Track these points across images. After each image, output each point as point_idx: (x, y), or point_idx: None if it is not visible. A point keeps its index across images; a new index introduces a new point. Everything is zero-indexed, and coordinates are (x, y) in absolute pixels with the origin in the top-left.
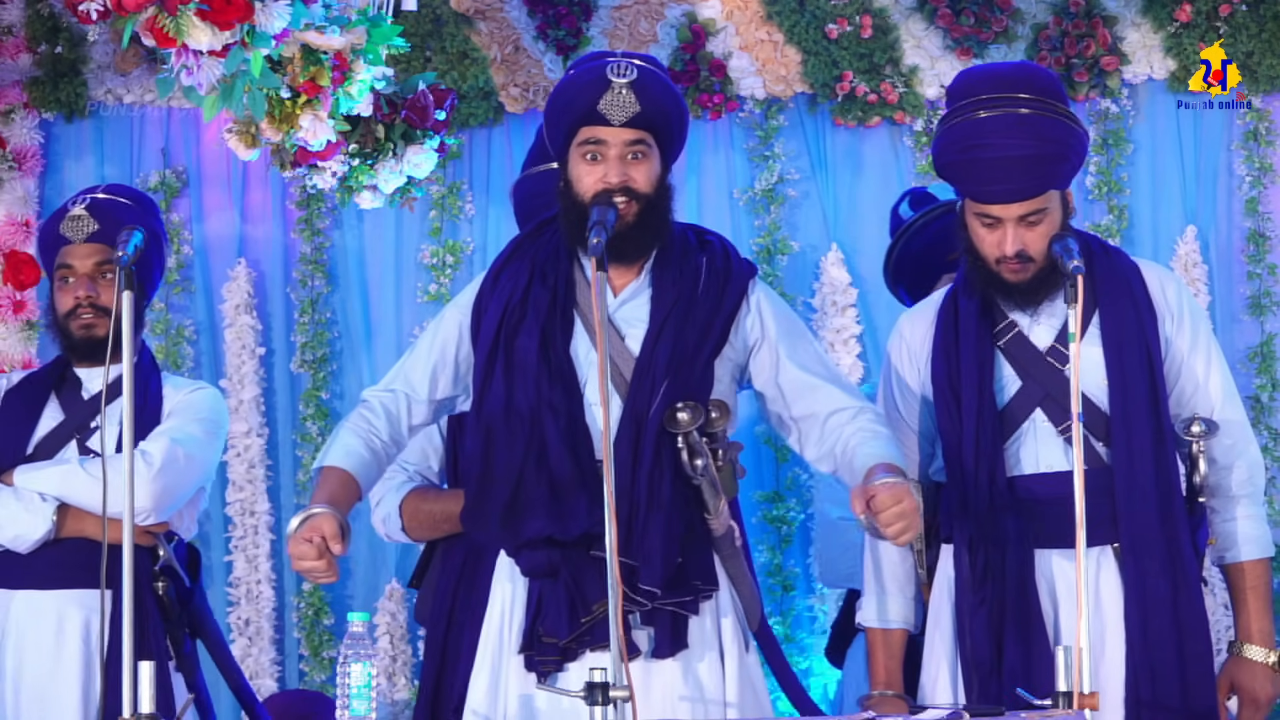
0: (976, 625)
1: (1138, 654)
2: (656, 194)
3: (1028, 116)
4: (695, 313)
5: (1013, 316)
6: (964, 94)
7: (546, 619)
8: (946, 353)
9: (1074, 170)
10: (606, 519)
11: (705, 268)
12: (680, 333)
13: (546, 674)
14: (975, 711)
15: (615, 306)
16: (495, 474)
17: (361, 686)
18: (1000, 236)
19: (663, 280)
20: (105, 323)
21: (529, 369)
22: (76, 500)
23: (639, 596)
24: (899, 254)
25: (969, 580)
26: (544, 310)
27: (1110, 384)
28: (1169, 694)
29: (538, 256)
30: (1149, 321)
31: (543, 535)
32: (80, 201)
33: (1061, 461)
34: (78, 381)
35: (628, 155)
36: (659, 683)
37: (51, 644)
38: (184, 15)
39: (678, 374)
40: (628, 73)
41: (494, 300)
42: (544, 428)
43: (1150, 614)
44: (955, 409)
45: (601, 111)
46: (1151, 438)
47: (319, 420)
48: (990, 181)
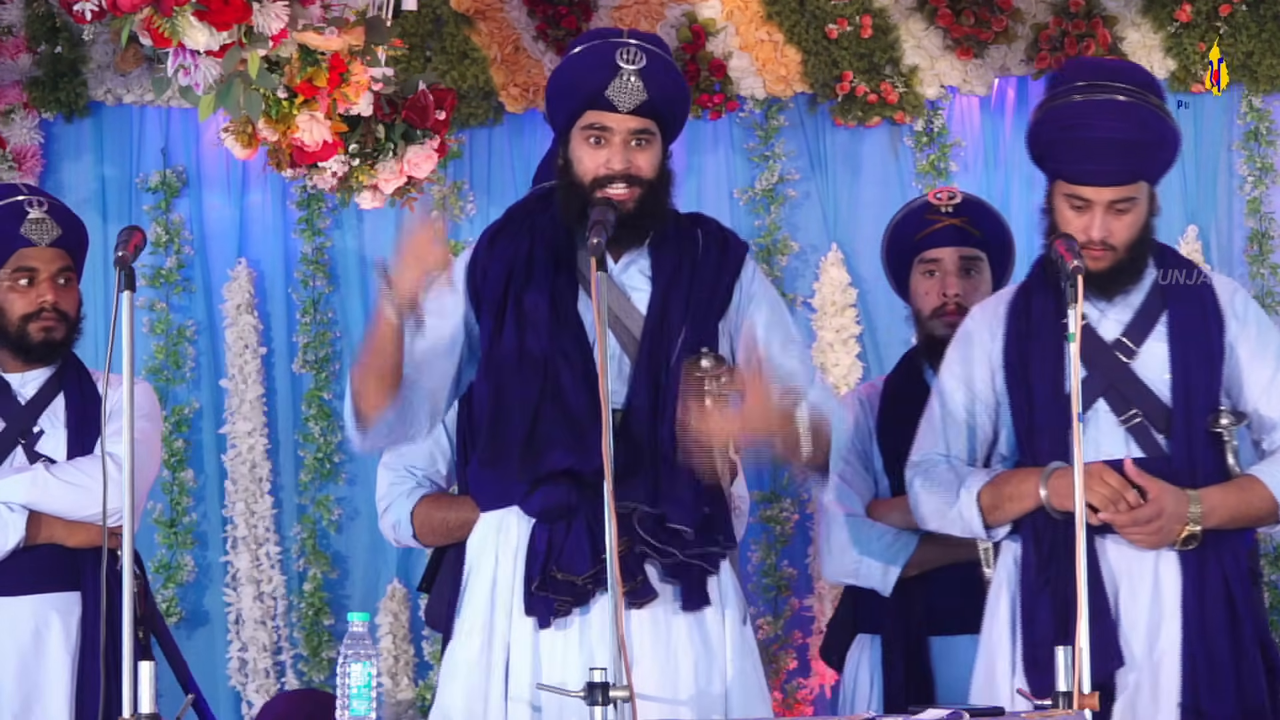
0: (1041, 607)
1: (1195, 643)
2: (658, 179)
3: (1127, 103)
4: (701, 272)
5: (1082, 309)
6: (1066, 80)
7: (563, 556)
8: (1020, 342)
9: (1166, 166)
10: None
11: (702, 238)
12: (691, 287)
13: (557, 614)
14: (975, 711)
15: (618, 271)
16: (510, 411)
17: (362, 686)
18: (1088, 221)
19: (662, 247)
20: (63, 328)
21: (541, 322)
22: (49, 507)
23: (668, 546)
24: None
25: (1034, 563)
26: (550, 273)
27: (1173, 379)
28: (1224, 687)
29: (536, 226)
30: (1214, 325)
31: (563, 467)
32: (37, 204)
33: (1121, 450)
34: (6, 385)
35: (632, 142)
36: (668, 638)
37: (31, 649)
38: (180, 16)
39: (694, 323)
40: (637, 59)
41: (495, 261)
42: (558, 371)
43: (1208, 605)
44: (1028, 397)
45: (609, 97)
46: (1208, 432)
47: (321, 420)
48: (1086, 161)
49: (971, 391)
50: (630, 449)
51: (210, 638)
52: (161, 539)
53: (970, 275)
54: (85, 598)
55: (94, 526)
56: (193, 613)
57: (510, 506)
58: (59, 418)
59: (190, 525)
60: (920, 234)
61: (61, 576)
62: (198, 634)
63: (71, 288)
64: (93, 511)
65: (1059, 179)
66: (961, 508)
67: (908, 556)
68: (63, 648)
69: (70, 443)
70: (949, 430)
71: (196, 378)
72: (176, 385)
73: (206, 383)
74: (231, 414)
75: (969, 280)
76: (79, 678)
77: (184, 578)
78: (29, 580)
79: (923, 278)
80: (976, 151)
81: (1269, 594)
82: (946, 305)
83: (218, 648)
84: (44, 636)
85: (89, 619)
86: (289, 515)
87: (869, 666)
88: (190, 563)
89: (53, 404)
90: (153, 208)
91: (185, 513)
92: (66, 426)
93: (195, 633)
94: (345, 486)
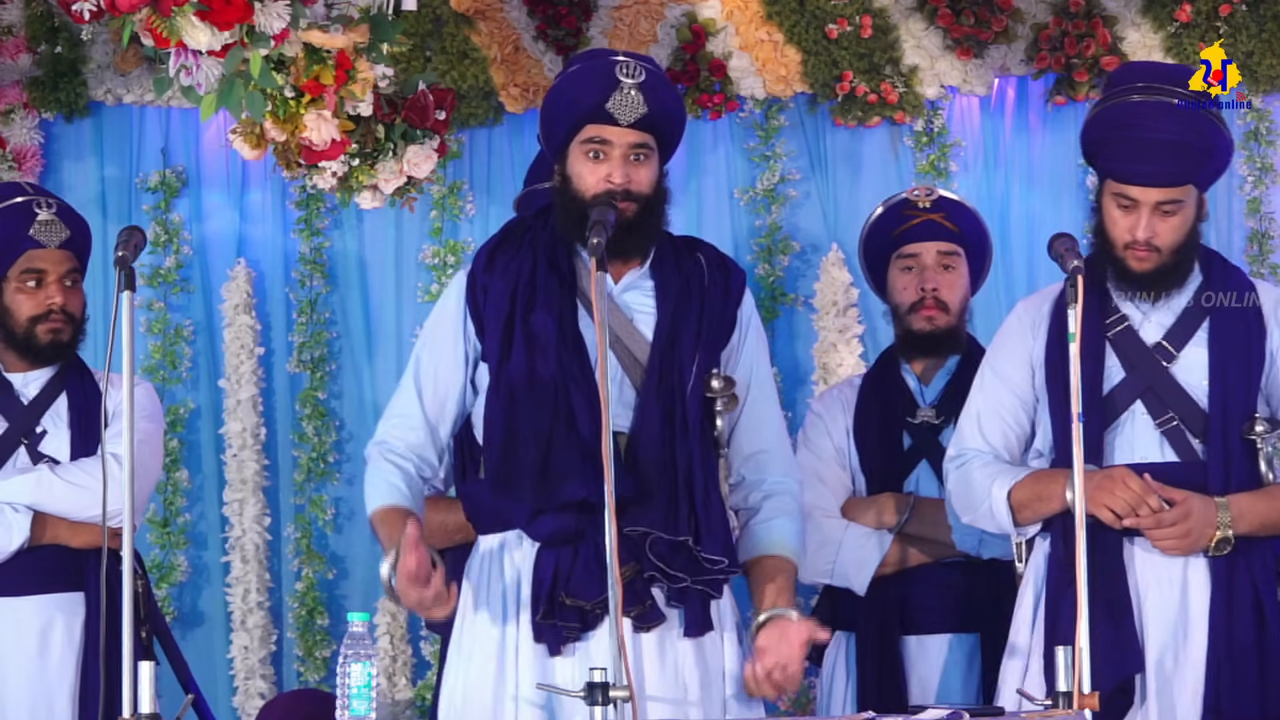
0: (1066, 604)
1: (1221, 650)
2: (655, 196)
3: (1184, 107)
4: (710, 298)
5: (1124, 310)
6: (1122, 81)
7: (572, 582)
8: (1061, 340)
9: (1217, 173)
10: (607, 520)
11: (705, 263)
12: (703, 313)
13: (566, 641)
14: (975, 711)
15: (619, 292)
16: (523, 437)
17: (361, 686)
18: (1134, 221)
19: (664, 270)
20: (69, 329)
21: (549, 343)
22: (53, 508)
23: (678, 572)
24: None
25: (1061, 560)
26: (555, 291)
27: (1211, 385)
28: (1248, 693)
29: (538, 245)
30: (1256, 332)
31: (579, 498)
32: (46, 206)
33: (1155, 453)
34: (9, 385)
35: (631, 156)
36: (674, 660)
37: (35, 649)
38: (178, 16)
39: (707, 349)
40: (636, 74)
41: (495, 279)
42: (570, 396)
43: (1236, 613)
44: (1064, 395)
45: (610, 111)
46: (1243, 439)
47: (316, 420)
48: (1137, 161)
49: (1011, 388)
50: (639, 475)
51: (205, 638)
52: (154, 539)
53: (948, 270)
54: (89, 598)
55: (98, 527)
56: (187, 613)
57: (512, 530)
58: (62, 418)
59: (185, 525)
60: (899, 229)
61: (65, 577)
62: (192, 634)
63: (77, 289)
64: (96, 512)
65: (1109, 178)
66: (993, 504)
67: (882, 556)
68: (67, 648)
69: (73, 443)
70: (987, 426)
71: (194, 378)
72: (173, 385)
73: (204, 383)
74: (228, 414)
75: (947, 275)
76: (83, 678)
77: (178, 578)
78: (33, 581)
79: (901, 273)
80: (976, 151)
81: None
82: (925, 299)
83: (213, 648)
84: (48, 637)
85: (93, 619)
86: (284, 515)
87: (845, 664)
88: (184, 563)
89: (55, 404)
90: (152, 208)
91: (179, 513)
92: (69, 427)
93: (190, 633)
94: (342, 486)
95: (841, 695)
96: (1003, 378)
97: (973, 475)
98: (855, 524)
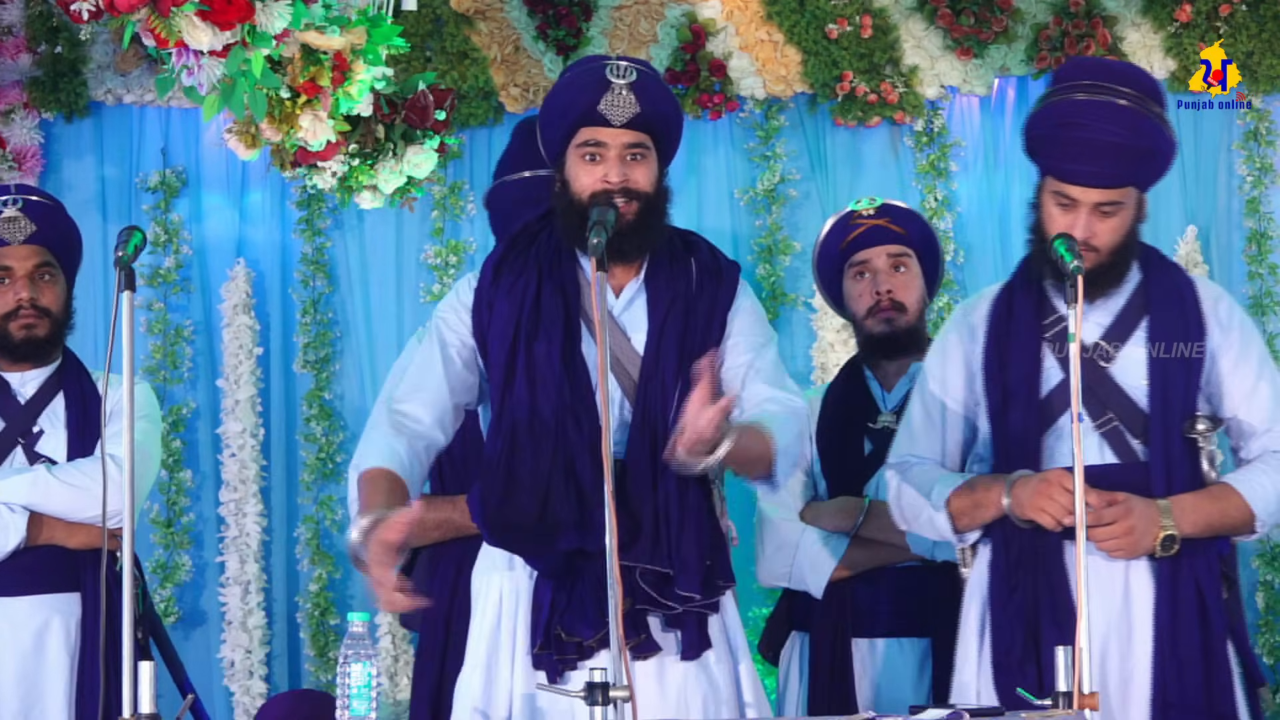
0: (1011, 613)
1: (1166, 652)
2: (655, 194)
3: (1125, 108)
4: (695, 311)
5: (1061, 310)
6: (1068, 77)
7: (569, 618)
8: (999, 342)
9: (1158, 174)
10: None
11: (696, 266)
12: (684, 333)
13: (561, 673)
14: (975, 712)
15: (618, 309)
16: (522, 483)
17: (362, 686)
18: (1072, 220)
19: (656, 281)
20: (45, 324)
21: (551, 376)
22: (50, 509)
23: (669, 601)
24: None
25: (1002, 569)
26: (558, 315)
27: (1151, 385)
28: (1194, 694)
29: (541, 257)
30: (1195, 331)
31: (574, 548)
32: (12, 203)
33: (1096, 456)
34: (6, 385)
35: (627, 156)
36: (673, 681)
37: (31, 650)
38: (177, 17)
39: (689, 373)
40: (627, 74)
41: (501, 299)
42: (568, 437)
43: (1180, 613)
44: (1003, 398)
45: (602, 112)
46: (1184, 439)
47: (322, 421)
48: (1077, 160)
49: (949, 394)
50: (629, 508)
51: (208, 638)
52: (158, 539)
53: (900, 271)
54: (85, 599)
55: (94, 528)
56: (190, 613)
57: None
58: (59, 418)
59: (188, 525)
60: (846, 240)
61: (62, 577)
62: (195, 634)
63: (53, 284)
64: (93, 513)
65: (1049, 175)
66: (932, 513)
67: (838, 559)
68: (63, 648)
69: (70, 443)
70: (926, 432)
71: (194, 378)
72: (174, 385)
73: (204, 383)
74: (226, 414)
75: (900, 276)
76: (79, 678)
77: (181, 578)
78: (29, 581)
79: (854, 281)
80: (976, 151)
81: (1265, 596)
82: (880, 302)
83: (215, 648)
84: (44, 637)
85: (89, 620)
86: (280, 516)
87: (799, 665)
88: (188, 563)
89: (52, 404)
90: (152, 207)
91: (182, 513)
92: (67, 427)
93: (193, 633)
94: (347, 486)
95: (795, 695)
96: (941, 383)
97: (913, 483)
98: (812, 528)
